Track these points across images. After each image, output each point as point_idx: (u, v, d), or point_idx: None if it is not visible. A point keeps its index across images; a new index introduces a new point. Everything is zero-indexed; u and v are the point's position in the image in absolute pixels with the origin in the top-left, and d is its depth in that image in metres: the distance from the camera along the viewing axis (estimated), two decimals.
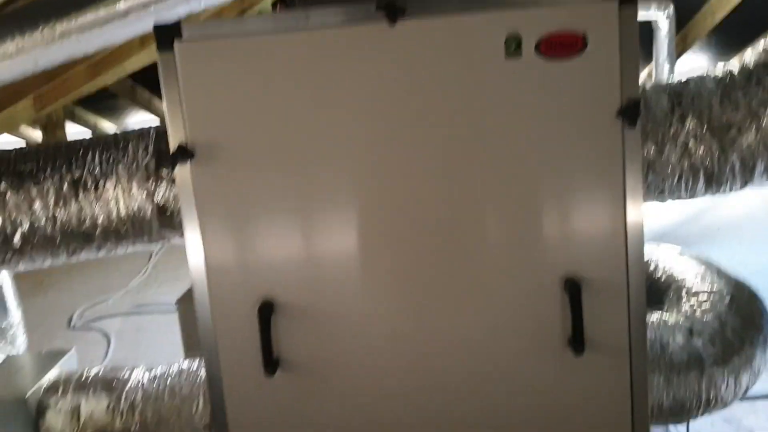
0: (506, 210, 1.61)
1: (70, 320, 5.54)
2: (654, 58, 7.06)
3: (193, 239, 1.65)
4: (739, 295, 2.21)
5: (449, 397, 1.70)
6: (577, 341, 1.60)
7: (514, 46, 1.53)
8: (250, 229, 1.65)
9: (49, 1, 3.03)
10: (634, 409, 1.67)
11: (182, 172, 1.62)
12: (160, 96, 1.65)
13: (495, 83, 1.55)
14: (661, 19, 7.59)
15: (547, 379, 1.67)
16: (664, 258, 2.58)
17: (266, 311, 1.65)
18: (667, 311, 2.22)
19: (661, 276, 2.51)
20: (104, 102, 8.05)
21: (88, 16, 2.98)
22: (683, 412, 2.06)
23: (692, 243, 5.42)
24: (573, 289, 1.59)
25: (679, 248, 2.64)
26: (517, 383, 1.68)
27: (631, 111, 1.52)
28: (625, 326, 1.63)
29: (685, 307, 2.20)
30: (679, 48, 7.31)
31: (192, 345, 1.77)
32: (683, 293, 2.29)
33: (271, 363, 1.66)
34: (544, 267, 1.62)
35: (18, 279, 6.53)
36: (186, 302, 1.74)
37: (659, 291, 2.47)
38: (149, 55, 5.63)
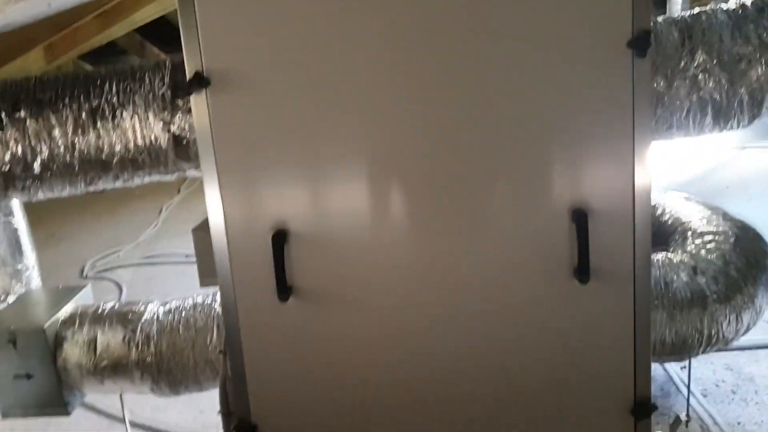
0: (516, 141, 1.63)
1: (82, 271, 5.63)
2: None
3: (208, 168, 1.69)
4: (744, 235, 2.25)
5: (458, 324, 1.74)
6: (582, 270, 1.64)
7: None
8: (265, 158, 1.68)
9: None
10: (637, 336, 1.72)
11: (198, 100, 1.65)
12: (168, 52, 1.67)
13: (507, 14, 1.57)
14: None
15: (554, 306, 1.71)
16: (671, 202, 2.61)
17: (279, 239, 1.69)
18: (672, 251, 2.26)
19: (668, 219, 2.54)
20: (114, 58, 8.05)
21: None
22: (685, 349, 2.11)
23: (717, 195, 5.42)
24: (580, 219, 1.62)
25: (686, 194, 2.67)
26: (524, 311, 1.72)
27: (641, 42, 1.53)
28: (630, 256, 1.67)
29: (690, 247, 2.24)
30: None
31: (207, 273, 1.81)
32: (689, 234, 2.33)
33: (284, 290, 1.71)
34: (552, 198, 1.65)
35: (31, 231, 6.60)
36: (202, 231, 1.77)
37: (665, 233, 2.51)
38: (159, 6, 5.63)
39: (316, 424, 1.85)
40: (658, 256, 2.18)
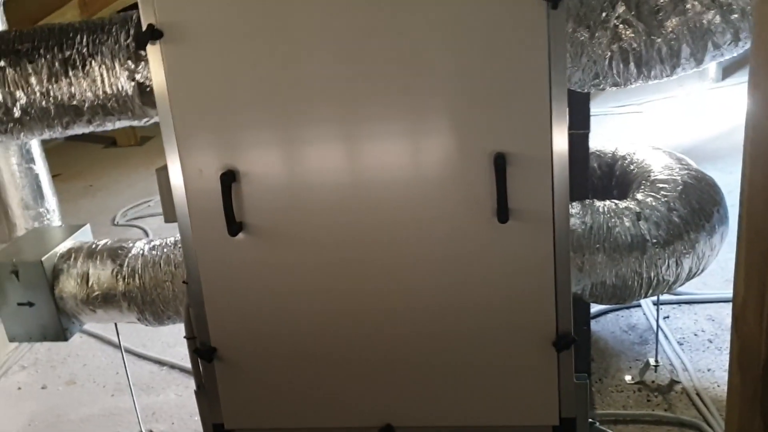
0: (437, 89, 1.75)
1: (113, 219, 5.94)
2: None
3: (164, 114, 1.85)
4: (696, 184, 2.31)
5: (390, 259, 1.89)
6: (501, 210, 1.76)
7: None
8: (214, 104, 1.84)
9: None
10: (557, 273, 1.84)
11: (153, 51, 1.81)
12: None
13: None
14: None
15: (478, 245, 1.84)
16: (639, 153, 2.68)
17: (228, 179, 1.85)
18: (625, 200, 2.34)
19: (633, 169, 2.62)
20: None
21: None
22: (627, 291, 2.21)
23: (719, 158, 5.40)
24: (499, 163, 1.74)
25: (656, 144, 2.73)
26: (451, 248, 1.86)
27: None
28: (548, 198, 1.78)
29: (640, 194, 2.32)
30: None
31: (169, 211, 1.99)
32: (645, 183, 2.40)
33: (233, 225, 1.88)
34: (474, 143, 1.77)
35: (69, 182, 6.99)
36: (165, 171, 1.95)
37: (629, 182, 2.59)
38: None
39: (269, 346, 2.03)
40: (605, 203, 2.27)
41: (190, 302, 2.04)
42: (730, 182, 2.48)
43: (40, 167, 3.78)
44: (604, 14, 1.77)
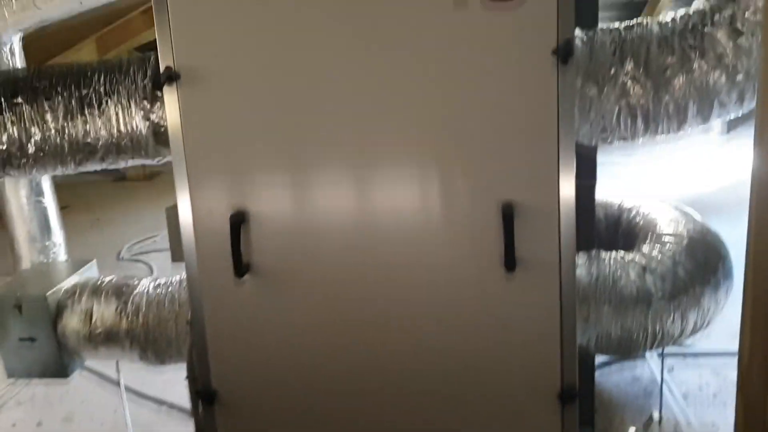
0: (450, 140, 1.78)
1: (119, 253, 5.95)
2: None
3: (177, 153, 1.88)
4: (700, 238, 2.32)
5: (398, 308, 1.90)
6: (508, 259, 1.77)
7: None
8: (227, 145, 1.86)
9: None
10: (563, 325, 1.83)
11: (169, 92, 1.84)
12: None
13: (444, 26, 1.71)
14: None
15: (485, 293, 1.85)
16: (645, 206, 2.69)
17: (237, 220, 1.87)
18: (631, 252, 2.35)
19: (639, 221, 2.63)
20: None
21: None
22: (632, 344, 2.20)
23: (723, 211, 5.40)
24: (507, 211, 1.75)
25: (662, 198, 2.74)
26: (459, 296, 1.86)
27: (564, 50, 1.66)
28: (555, 249, 1.79)
29: (646, 248, 2.32)
30: None
31: (177, 250, 2.00)
32: (650, 236, 2.41)
33: (240, 266, 1.89)
34: (484, 192, 1.79)
35: (77, 215, 7.02)
36: (174, 210, 1.96)
37: (635, 236, 2.60)
38: None
39: (271, 390, 2.02)
40: (611, 255, 2.28)
41: (193, 343, 2.04)
42: (734, 235, 2.48)
43: (49, 201, 3.78)
44: (612, 70, 1.81)
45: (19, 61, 3.71)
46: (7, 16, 3.44)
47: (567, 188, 1.75)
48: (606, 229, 2.80)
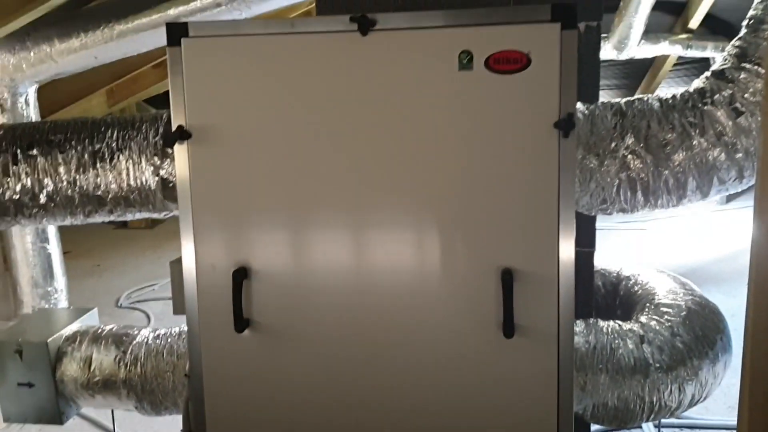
0: (454, 206, 1.82)
1: (117, 300, 5.95)
2: None
3: (185, 209, 1.92)
4: (699, 310, 2.33)
5: (396, 369, 1.91)
6: (507, 325, 1.79)
7: (466, 60, 1.74)
8: (233, 203, 1.90)
9: (110, 5, 3.42)
10: (560, 392, 1.84)
11: (180, 150, 1.89)
12: None
13: (448, 92, 1.77)
14: (719, 58, 7.66)
15: (483, 358, 1.86)
16: (644, 275, 2.71)
17: (240, 275, 1.90)
18: (629, 321, 2.36)
19: (638, 290, 2.64)
20: None
21: (143, 19, 3.35)
22: (629, 414, 2.19)
23: (723, 281, 5.43)
24: (506, 278, 1.78)
25: (660, 267, 2.77)
26: (457, 359, 1.88)
27: (566, 123, 1.71)
28: (554, 316, 1.81)
29: (644, 317, 2.34)
30: None
31: (180, 303, 2.02)
32: (648, 306, 2.43)
33: (241, 321, 1.91)
34: (484, 258, 1.82)
35: (77, 260, 7.04)
36: (178, 264, 1.99)
37: (633, 304, 2.61)
38: None
39: None
40: (609, 324, 2.29)
41: (190, 396, 2.04)
42: (733, 306, 2.50)
43: (54, 247, 3.83)
44: (613, 144, 1.86)
45: (33, 111, 3.81)
46: (25, 68, 3.55)
47: (566, 257, 1.79)
48: (604, 297, 2.82)
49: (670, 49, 7.37)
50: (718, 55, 7.80)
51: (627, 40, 6.44)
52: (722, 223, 7.10)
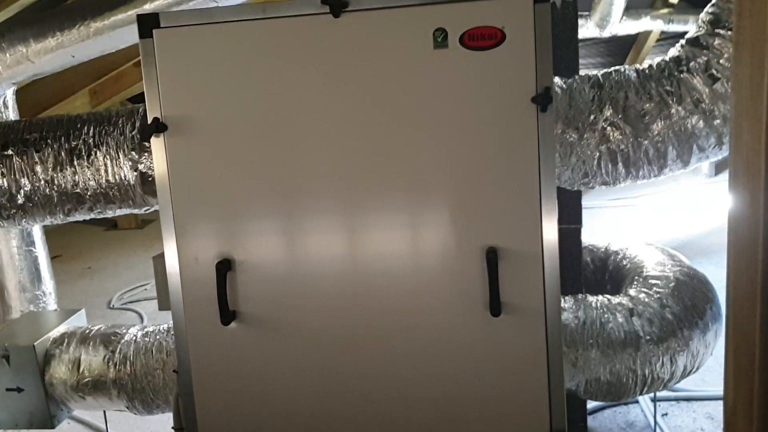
0: (432, 185, 1.80)
1: (109, 302, 5.92)
2: None
3: (164, 202, 1.89)
4: (688, 281, 2.33)
5: (382, 352, 1.89)
6: (493, 304, 1.78)
7: (441, 37, 1.72)
8: (213, 195, 1.88)
9: (85, 2, 3.36)
10: (550, 369, 1.83)
11: (157, 143, 1.87)
12: None
13: (424, 71, 1.75)
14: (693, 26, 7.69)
15: (471, 338, 1.85)
16: (632, 249, 2.71)
17: (223, 267, 1.88)
18: (618, 295, 2.35)
19: (626, 264, 2.64)
20: None
21: (120, 15, 3.30)
22: (622, 388, 2.19)
23: (712, 253, 5.44)
24: (490, 257, 1.77)
25: (648, 240, 2.76)
26: (444, 340, 1.86)
27: (543, 97, 1.69)
28: (540, 292, 1.80)
29: (633, 290, 2.33)
30: None
31: (164, 298, 2.00)
32: (637, 279, 2.42)
33: (226, 314, 1.89)
34: (468, 237, 1.80)
35: (68, 264, 6.99)
36: (161, 258, 1.97)
37: (622, 278, 2.61)
38: None
39: None
40: (598, 298, 2.29)
41: (180, 392, 2.03)
42: (723, 278, 2.50)
43: (40, 250, 3.78)
44: (592, 117, 1.84)
45: (12, 114, 3.75)
46: (1, 70, 3.49)
47: (550, 233, 1.77)
48: (593, 273, 2.82)
49: (651, 24, 7.36)
50: None
51: (609, 17, 6.43)
52: (711, 196, 7.11)
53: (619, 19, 6.58)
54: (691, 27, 7.14)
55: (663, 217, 6.68)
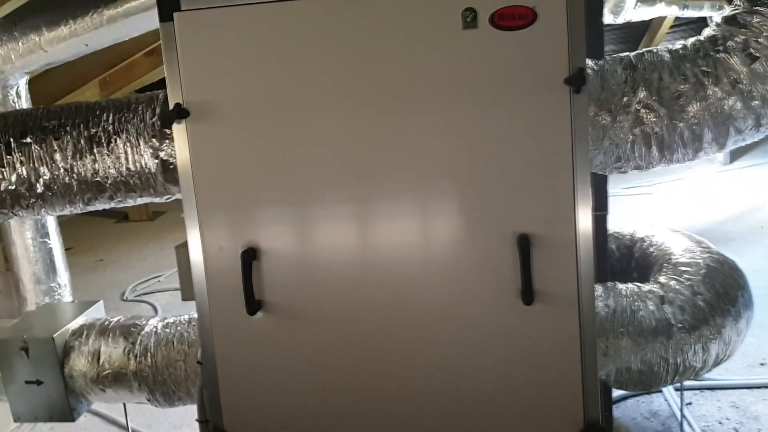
0: (465, 170, 1.75)
1: (123, 294, 5.90)
2: None
3: (187, 190, 1.86)
4: (718, 267, 2.28)
5: (412, 341, 1.85)
6: (526, 292, 1.73)
7: (470, 17, 1.67)
8: (237, 182, 1.84)
9: None
10: (584, 359, 1.79)
11: (179, 129, 1.83)
12: None
13: (453, 52, 1.70)
14: (716, 17, 7.58)
15: (503, 327, 1.81)
16: (658, 235, 2.66)
17: (249, 256, 1.84)
18: (648, 282, 2.31)
19: (653, 251, 2.59)
20: None
21: (133, 3, 3.26)
22: (653, 377, 2.14)
23: (732, 240, 5.38)
24: (523, 244, 1.72)
25: (673, 227, 2.71)
26: (476, 328, 1.82)
27: (576, 78, 1.64)
28: (573, 280, 1.75)
29: (663, 278, 2.28)
30: None
31: (188, 288, 1.96)
32: (666, 266, 2.37)
33: (252, 304, 1.85)
34: (499, 224, 1.76)
35: (80, 256, 6.98)
36: (184, 248, 1.93)
37: (648, 265, 2.56)
38: None
39: (283, 430, 1.97)
40: (628, 286, 2.24)
41: (204, 383, 1.99)
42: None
43: (54, 242, 3.77)
44: (625, 99, 1.79)
45: (25, 104, 3.74)
46: (14, 59, 3.46)
47: (584, 218, 1.73)
48: (619, 260, 2.77)
49: (666, 10, 7.25)
50: (715, 14, 7.69)
51: (623, 3, 6.32)
52: (727, 184, 7.03)
53: (633, 5, 6.48)
54: (707, 12, 7.06)
55: (678, 206, 6.61)
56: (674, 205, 6.67)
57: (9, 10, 3.29)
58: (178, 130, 1.83)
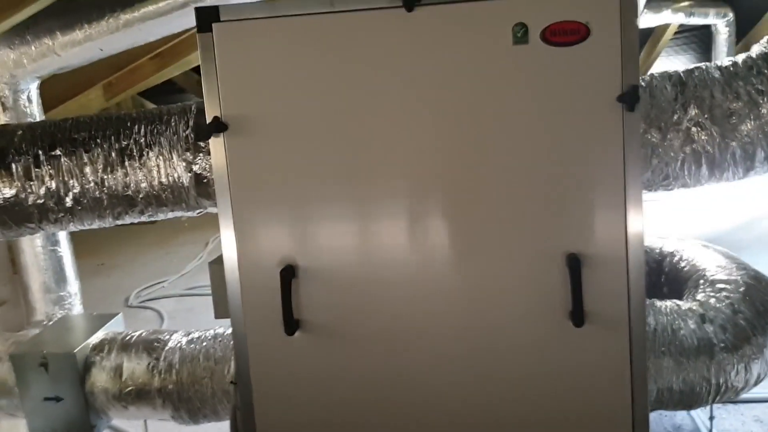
0: (515, 190, 1.70)
1: (127, 299, 5.83)
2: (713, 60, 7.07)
3: (224, 206, 1.80)
4: (756, 285, 2.24)
5: (457, 363, 1.80)
6: (576, 314, 1.69)
7: (521, 33, 1.63)
8: (276, 198, 1.78)
9: None
10: (634, 382, 1.74)
11: (216, 143, 1.77)
12: None
13: (503, 68, 1.65)
14: (720, 24, 7.61)
15: (551, 349, 1.75)
16: (689, 250, 2.62)
17: (288, 274, 1.78)
18: (684, 299, 2.27)
19: (684, 266, 2.55)
20: (173, 96, 8.37)
21: (150, 7, 3.20)
22: (694, 397, 2.11)
23: (743, 249, 5.35)
24: (573, 264, 1.68)
25: (703, 242, 2.67)
26: (522, 351, 1.77)
27: (630, 96, 1.60)
28: (624, 301, 1.71)
29: (701, 295, 2.24)
30: None
31: (221, 306, 1.91)
32: (701, 283, 2.33)
33: (291, 324, 1.79)
34: (548, 243, 1.71)
35: (81, 260, 6.90)
36: (217, 264, 1.88)
37: (681, 281, 2.52)
38: None
39: None
40: (667, 303, 2.20)
41: (239, 404, 1.94)
42: None
43: (65, 250, 3.69)
44: (675, 116, 1.75)
45: (36, 108, 3.66)
46: (26, 63, 3.39)
47: (635, 237, 1.68)
48: (648, 275, 2.72)
49: (672, 17, 7.27)
50: (720, 21, 7.70)
51: None
52: (734, 192, 7.01)
53: (641, 12, 6.48)
54: (711, 20, 7.08)
55: (687, 213, 6.59)
56: (681, 212, 6.64)
57: (26, 16, 3.22)
58: (216, 143, 1.77)
